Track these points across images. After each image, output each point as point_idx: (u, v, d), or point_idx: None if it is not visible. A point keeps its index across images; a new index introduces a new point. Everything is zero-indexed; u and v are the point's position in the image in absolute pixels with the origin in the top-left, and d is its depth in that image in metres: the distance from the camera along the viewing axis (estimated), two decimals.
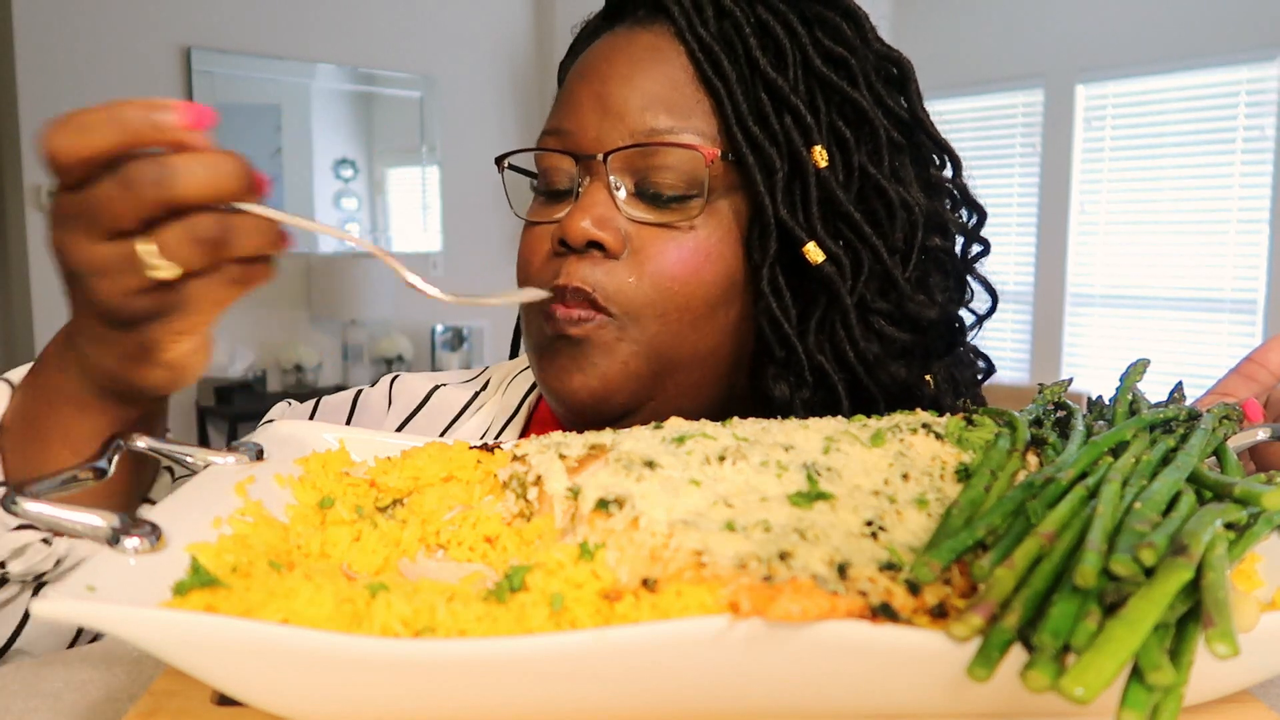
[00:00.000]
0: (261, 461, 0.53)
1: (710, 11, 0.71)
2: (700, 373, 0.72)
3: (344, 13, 4.51)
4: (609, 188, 0.70)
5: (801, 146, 0.70)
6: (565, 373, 0.70)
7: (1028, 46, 4.85)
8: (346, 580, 0.43)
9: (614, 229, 0.69)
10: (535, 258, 0.73)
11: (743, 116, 0.69)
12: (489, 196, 4.94)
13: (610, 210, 0.69)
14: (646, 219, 0.70)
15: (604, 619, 0.39)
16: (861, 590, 0.38)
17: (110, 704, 0.48)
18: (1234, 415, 0.54)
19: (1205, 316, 4.50)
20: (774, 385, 0.72)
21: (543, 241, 0.73)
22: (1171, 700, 0.34)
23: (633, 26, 0.74)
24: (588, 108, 0.71)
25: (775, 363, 0.72)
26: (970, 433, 0.54)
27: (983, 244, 0.79)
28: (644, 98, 0.70)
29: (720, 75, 0.70)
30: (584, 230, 0.68)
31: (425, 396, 0.86)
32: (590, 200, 0.69)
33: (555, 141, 0.73)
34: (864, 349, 0.71)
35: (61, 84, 3.79)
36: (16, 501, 0.43)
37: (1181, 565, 0.35)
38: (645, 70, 0.71)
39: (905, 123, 0.74)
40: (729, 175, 0.70)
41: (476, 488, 0.54)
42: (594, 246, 0.69)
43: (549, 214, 0.73)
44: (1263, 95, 4.27)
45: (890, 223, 0.72)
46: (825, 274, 0.70)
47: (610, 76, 0.71)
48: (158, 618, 0.36)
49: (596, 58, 0.74)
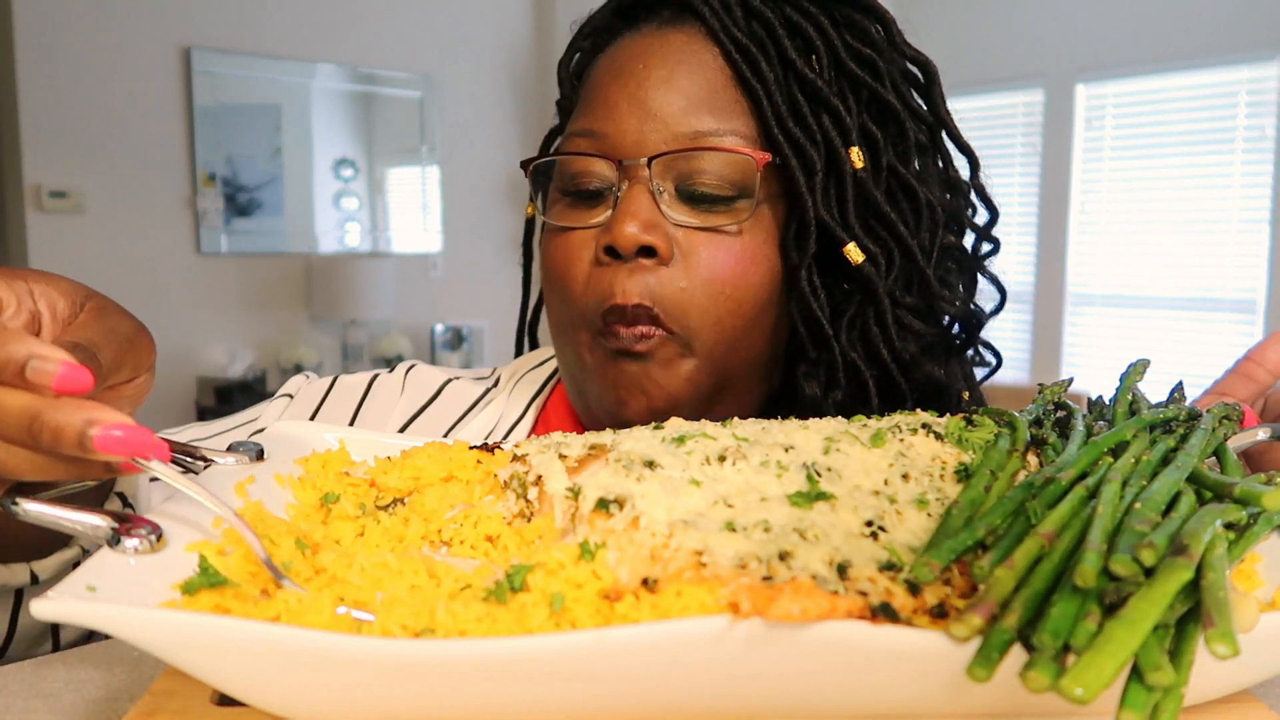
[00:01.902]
0: (261, 461, 0.53)
1: (739, 12, 0.71)
2: (751, 378, 0.73)
3: (344, 13, 4.51)
4: (652, 192, 0.69)
5: (840, 147, 0.70)
6: (629, 394, 0.69)
7: (1028, 46, 4.85)
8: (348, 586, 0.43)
9: (662, 233, 0.68)
10: (577, 267, 0.71)
11: (783, 118, 0.69)
12: (489, 196, 4.95)
13: (655, 215, 0.68)
14: (692, 223, 0.69)
15: (604, 619, 0.39)
16: (861, 590, 0.38)
17: (110, 704, 0.48)
18: (1234, 415, 0.54)
19: (1205, 316, 4.50)
20: (806, 383, 0.72)
21: (582, 248, 0.71)
22: (1171, 700, 0.34)
23: (662, 27, 0.73)
24: (625, 110, 0.70)
25: (808, 361, 0.72)
26: (970, 433, 0.54)
27: (993, 242, 0.80)
28: (685, 100, 0.69)
29: (759, 76, 0.69)
30: (634, 236, 0.67)
31: (439, 389, 0.85)
32: (635, 205, 0.68)
33: (591, 144, 0.71)
34: (899, 347, 0.72)
35: (61, 84, 3.78)
36: (17, 502, 0.43)
37: (1181, 565, 0.35)
38: (685, 72, 0.70)
39: (929, 124, 0.75)
40: (771, 176, 0.70)
41: (477, 487, 0.54)
42: (643, 253, 0.68)
43: (583, 219, 0.71)
44: (1263, 95, 4.27)
45: (917, 221, 0.73)
46: (865, 274, 0.70)
47: (648, 78, 0.70)
48: (158, 618, 0.36)
49: (629, 58, 0.72)
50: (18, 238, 3.83)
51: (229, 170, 4.29)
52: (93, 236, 3.91)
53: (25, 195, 3.78)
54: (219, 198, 4.25)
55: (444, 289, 4.89)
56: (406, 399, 0.84)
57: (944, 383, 0.75)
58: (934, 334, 0.74)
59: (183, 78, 4.10)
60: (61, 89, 3.78)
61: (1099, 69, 4.66)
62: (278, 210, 4.48)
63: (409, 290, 4.73)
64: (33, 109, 3.74)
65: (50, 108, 3.76)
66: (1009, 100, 5.01)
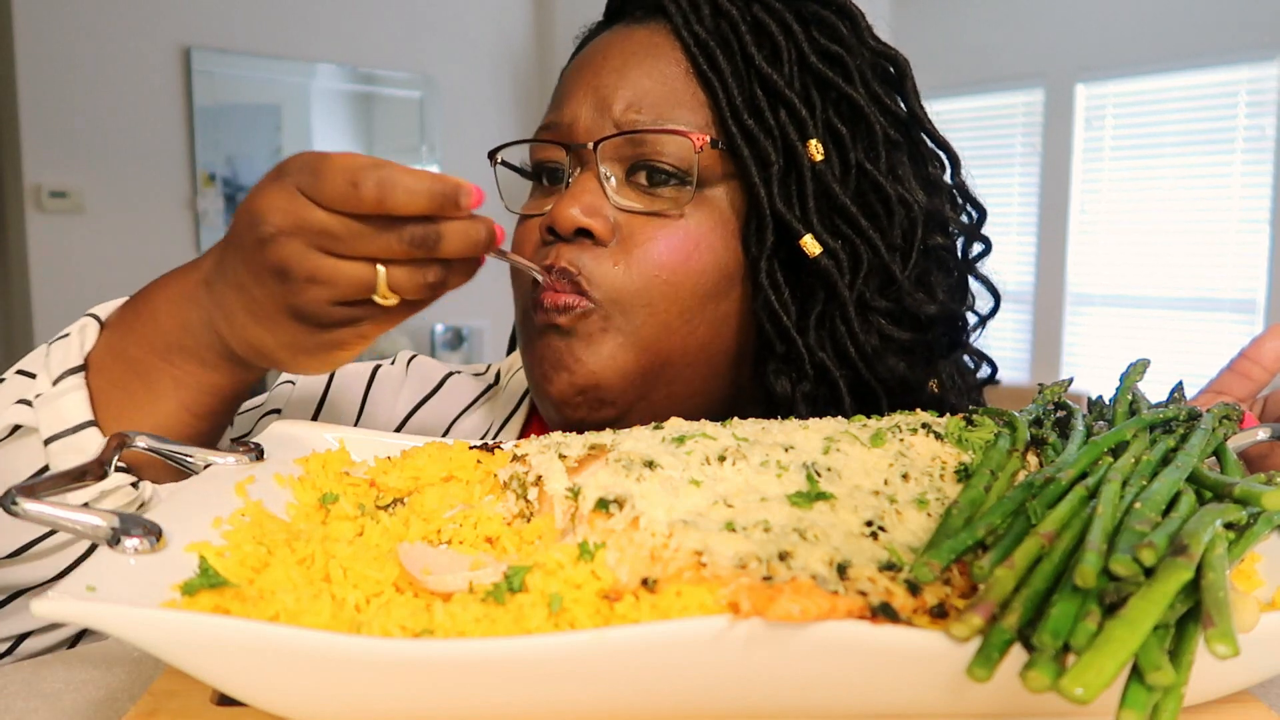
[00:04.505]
0: (261, 461, 0.54)
1: (707, 10, 0.72)
2: (695, 369, 0.72)
3: (344, 13, 4.51)
4: (599, 177, 0.70)
5: (797, 140, 0.70)
6: (552, 369, 0.70)
7: (1028, 46, 4.85)
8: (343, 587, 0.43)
9: (603, 217, 0.69)
10: (525, 248, 0.73)
11: (737, 110, 0.70)
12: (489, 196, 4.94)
13: (599, 199, 0.70)
14: (635, 207, 0.70)
15: (603, 619, 0.39)
16: (861, 590, 0.38)
17: (110, 704, 0.48)
18: (1234, 415, 0.54)
19: (1205, 317, 4.50)
20: (775, 380, 0.72)
21: (534, 232, 0.73)
22: (1171, 700, 0.34)
23: (630, 24, 0.75)
24: (579, 99, 0.72)
25: (776, 358, 0.72)
26: (970, 433, 0.54)
27: (984, 243, 0.79)
28: (634, 89, 0.71)
29: (715, 70, 0.70)
30: (572, 217, 0.68)
31: (440, 381, 0.87)
32: (580, 189, 0.70)
33: (548, 134, 0.73)
34: (864, 343, 0.71)
35: (61, 84, 3.78)
36: (17, 501, 0.43)
37: (1181, 565, 0.35)
38: (638, 64, 0.72)
39: (902, 120, 0.75)
40: (723, 166, 0.71)
41: (476, 488, 0.54)
42: (583, 234, 0.69)
43: (542, 206, 0.73)
44: (1263, 95, 4.27)
45: (889, 219, 0.72)
46: (822, 267, 0.70)
47: (603, 69, 0.72)
48: (158, 618, 0.36)
49: (591, 52, 0.75)
50: (17, 238, 3.83)
51: (229, 170, 4.29)
52: (93, 236, 3.91)
53: (25, 195, 3.78)
54: (219, 198, 4.25)
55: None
56: (410, 387, 0.86)
57: (912, 381, 0.74)
58: (908, 336, 0.73)
59: (183, 78, 4.10)
60: (61, 89, 3.78)
61: (1099, 69, 4.66)
62: None
63: None
64: (33, 109, 3.73)
65: (50, 108, 3.76)
66: (1009, 100, 5.01)
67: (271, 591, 0.41)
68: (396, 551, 0.45)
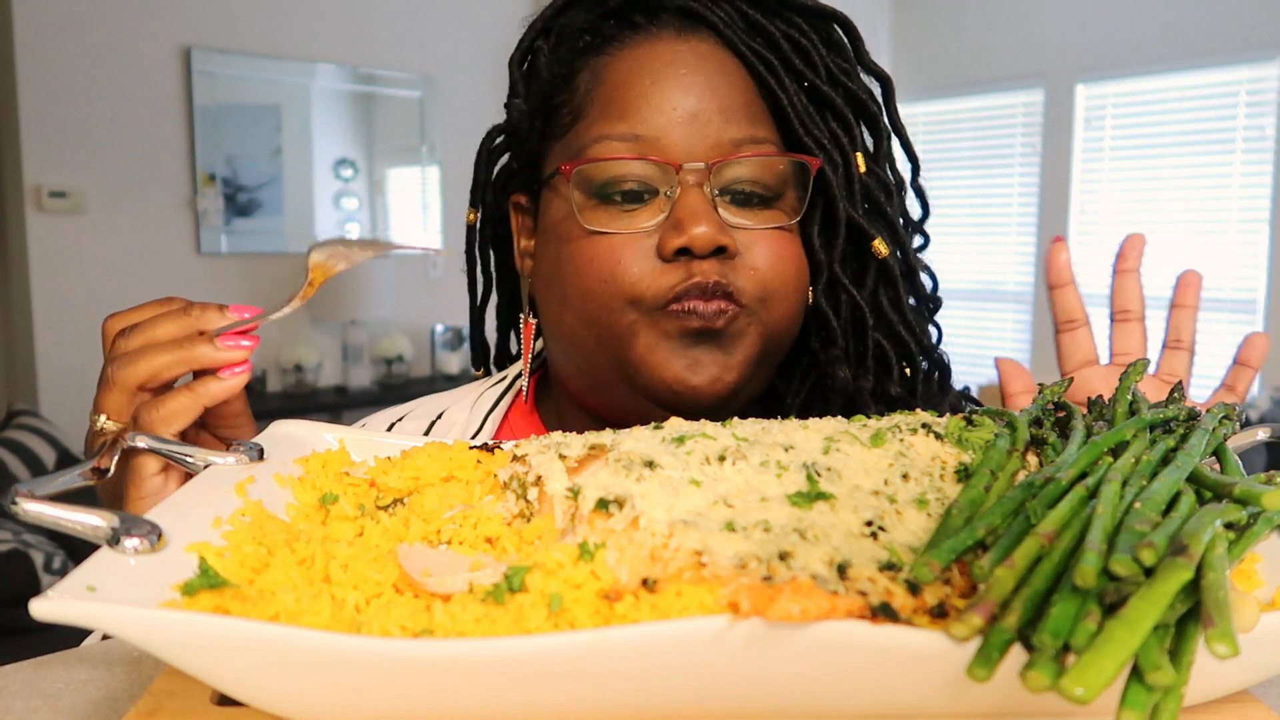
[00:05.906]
0: (261, 461, 0.54)
1: (743, 25, 0.75)
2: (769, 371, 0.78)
3: (344, 13, 4.51)
4: (707, 195, 0.71)
5: (850, 151, 0.76)
6: (702, 367, 0.72)
7: (1028, 46, 4.85)
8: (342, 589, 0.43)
9: (729, 234, 0.71)
10: (637, 267, 0.71)
11: (807, 125, 0.75)
12: None
13: (715, 215, 0.71)
14: (746, 224, 0.73)
15: (603, 619, 0.39)
16: (861, 590, 0.38)
17: (110, 704, 0.48)
18: (1234, 415, 0.54)
19: (1205, 316, 4.44)
20: (837, 369, 0.77)
21: (633, 248, 0.71)
22: (1171, 700, 0.34)
23: (682, 34, 0.75)
24: (671, 115, 0.72)
25: (837, 349, 0.78)
26: (970, 433, 0.54)
27: (925, 237, 0.86)
28: (726, 106, 0.73)
29: (781, 86, 0.74)
30: (712, 236, 0.70)
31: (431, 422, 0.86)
32: (700, 207, 0.71)
33: (634, 148, 0.72)
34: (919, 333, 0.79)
35: (61, 84, 3.78)
36: (17, 501, 0.43)
37: (1181, 565, 0.35)
38: (721, 80, 0.74)
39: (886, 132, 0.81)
40: (794, 175, 0.75)
41: (476, 488, 0.54)
42: (717, 253, 0.71)
43: (630, 222, 0.72)
44: (1263, 95, 4.27)
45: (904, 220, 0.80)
46: (889, 267, 0.77)
47: (692, 85, 0.73)
48: (158, 618, 0.36)
49: (663, 64, 0.73)
50: (18, 238, 3.83)
51: (229, 170, 4.29)
52: (93, 236, 3.91)
53: (25, 195, 3.78)
54: (219, 198, 4.25)
55: (444, 289, 4.89)
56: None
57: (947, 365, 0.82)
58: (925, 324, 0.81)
59: (183, 78, 4.10)
60: (61, 89, 3.78)
61: (1099, 69, 4.66)
62: (278, 210, 4.48)
63: (409, 290, 4.73)
64: (33, 109, 3.74)
65: (50, 108, 3.76)
66: (1009, 100, 5.01)
67: (271, 592, 0.41)
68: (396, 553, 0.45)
